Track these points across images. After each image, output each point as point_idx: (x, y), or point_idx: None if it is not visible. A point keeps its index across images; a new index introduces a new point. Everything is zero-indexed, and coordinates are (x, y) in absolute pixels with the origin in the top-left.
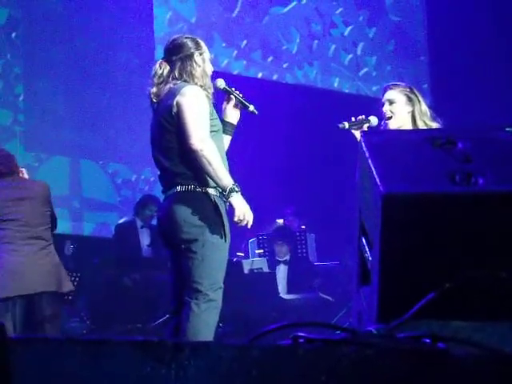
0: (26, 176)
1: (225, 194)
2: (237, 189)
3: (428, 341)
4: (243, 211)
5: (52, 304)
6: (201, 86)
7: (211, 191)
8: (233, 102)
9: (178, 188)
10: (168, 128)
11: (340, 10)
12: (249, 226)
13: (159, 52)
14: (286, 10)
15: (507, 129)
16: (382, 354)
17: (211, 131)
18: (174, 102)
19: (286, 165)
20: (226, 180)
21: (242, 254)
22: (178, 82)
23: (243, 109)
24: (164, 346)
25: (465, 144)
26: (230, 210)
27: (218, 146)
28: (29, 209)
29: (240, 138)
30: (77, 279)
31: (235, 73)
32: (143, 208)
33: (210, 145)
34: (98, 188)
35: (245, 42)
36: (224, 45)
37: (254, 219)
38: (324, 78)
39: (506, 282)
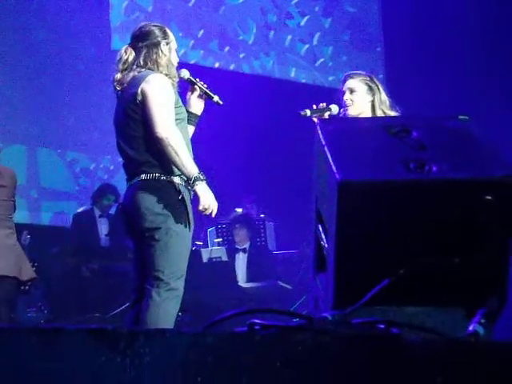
0: None
1: (190, 182)
2: (202, 177)
3: (382, 326)
4: (208, 200)
5: (9, 290)
6: (166, 75)
7: (176, 180)
8: (197, 92)
9: (143, 176)
10: (132, 116)
11: (296, 0)
12: (213, 215)
13: (115, 41)
14: (241, 0)
15: (460, 117)
16: (337, 340)
17: (176, 119)
18: (139, 90)
19: (244, 154)
20: (192, 168)
21: (201, 243)
22: (143, 69)
23: (207, 99)
24: (119, 334)
25: (419, 132)
26: (195, 199)
27: (183, 134)
28: (2, 197)
29: (198, 127)
30: (34, 269)
31: (192, 62)
32: (101, 197)
33: (175, 133)
34: (56, 177)
35: (201, 31)
36: (181, 34)
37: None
38: (281, 68)
39: (459, 268)
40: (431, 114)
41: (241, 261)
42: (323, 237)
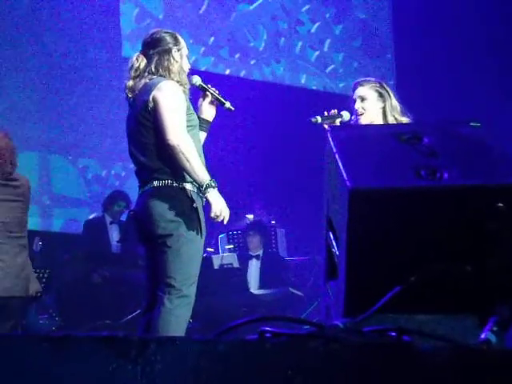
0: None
1: (201, 189)
2: (213, 184)
3: (394, 334)
4: (220, 207)
5: (16, 308)
6: (177, 82)
7: (188, 186)
8: (209, 98)
9: (155, 183)
10: (144, 123)
11: (306, 7)
12: (225, 222)
13: (126, 48)
14: (252, 7)
15: (471, 124)
16: (348, 348)
17: (188, 126)
18: (151, 97)
19: (254, 160)
20: (203, 175)
21: (212, 250)
22: (154, 76)
23: (219, 105)
24: (129, 342)
25: (430, 139)
26: (207, 206)
27: (194, 141)
28: (18, 210)
29: (210, 133)
30: (45, 276)
31: (203, 69)
32: (112, 204)
33: (187, 140)
34: (67, 183)
35: (212, 38)
36: (191, 41)
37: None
38: (291, 74)
39: (471, 276)
40: (442, 120)
41: (254, 267)
42: (334, 244)
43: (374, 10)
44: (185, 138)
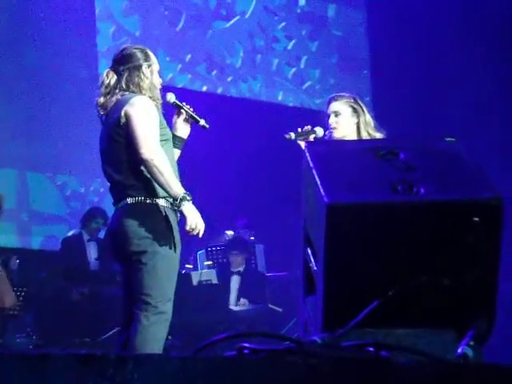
0: None
1: (176, 202)
2: (188, 198)
3: (371, 349)
4: (195, 220)
5: None
6: (149, 97)
7: (161, 202)
8: (183, 116)
9: (129, 200)
10: (117, 139)
11: (282, 24)
12: (200, 235)
13: (103, 65)
14: (229, 24)
15: (447, 139)
16: (326, 364)
17: (161, 140)
18: (122, 113)
19: (232, 177)
20: (177, 189)
21: (191, 266)
22: (126, 93)
23: (194, 123)
24: (107, 360)
25: (406, 154)
26: (182, 221)
27: (168, 155)
28: None
29: (187, 150)
30: (23, 294)
31: (180, 86)
32: (90, 221)
33: (160, 154)
34: (46, 200)
35: (189, 56)
36: (168, 59)
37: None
38: (268, 91)
39: (449, 289)
40: (418, 136)
41: (235, 283)
42: (312, 259)
43: (349, 26)
44: (158, 152)
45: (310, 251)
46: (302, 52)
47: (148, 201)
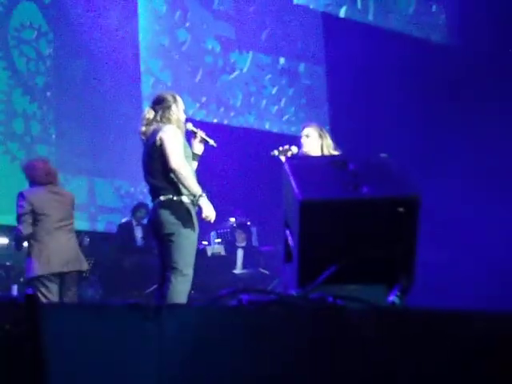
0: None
1: (195, 199)
2: (204, 195)
3: (331, 299)
4: (209, 211)
5: (74, 279)
6: (177, 127)
7: (184, 199)
8: (198, 138)
9: (161, 198)
10: (154, 157)
11: (268, 76)
12: (211, 221)
13: (145, 105)
14: (231, 76)
15: (381, 155)
16: (300, 310)
17: (185, 156)
18: (158, 137)
19: (234, 180)
20: (196, 189)
21: (206, 243)
22: (160, 124)
23: (206, 143)
24: (149, 308)
25: (354, 165)
26: (199, 212)
27: (192, 167)
28: (64, 209)
29: (204, 162)
30: (91, 262)
31: (198, 119)
32: (136, 212)
33: (184, 165)
34: (107, 198)
35: (204, 98)
36: (190, 100)
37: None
38: (259, 122)
39: (383, 257)
40: (363, 153)
41: (240, 254)
42: (290, 238)
43: (314, 77)
44: (182, 164)
45: (288, 232)
46: (282, 95)
47: (175, 198)
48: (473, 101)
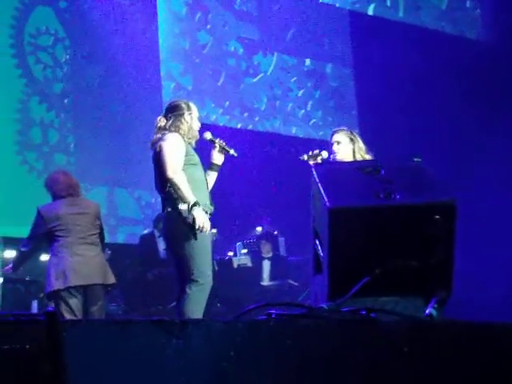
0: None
1: (188, 208)
2: (198, 204)
3: (364, 312)
4: (202, 221)
5: (99, 293)
6: (182, 135)
7: (183, 208)
8: (217, 148)
9: (168, 209)
10: (157, 166)
11: (294, 78)
12: (206, 232)
13: None
14: (255, 79)
15: (415, 159)
16: (331, 323)
17: (189, 164)
18: (157, 146)
19: (261, 189)
20: (190, 198)
21: (232, 254)
22: (166, 132)
23: (226, 153)
24: (174, 323)
25: (386, 171)
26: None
27: (198, 175)
28: (85, 221)
29: (227, 172)
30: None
31: (221, 125)
32: (158, 222)
33: (178, 173)
34: (127, 208)
35: (227, 102)
36: (213, 105)
37: (239, 227)
38: (285, 127)
39: (418, 268)
40: (394, 157)
41: (266, 266)
42: (319, 248)
43: (342, 79)
44: (178, 173)
45: (317, 242)
46: (309, 98)
47: (179, 208)
48: (509, 99)
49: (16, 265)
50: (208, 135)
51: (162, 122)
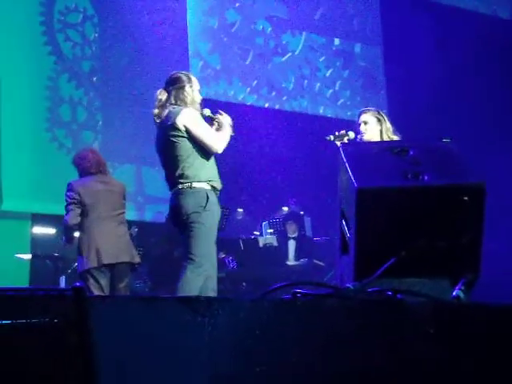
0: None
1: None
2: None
3: (390, 293)
4: (226, 119)
5: (126, 271)
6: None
7: (204, 186)
8: (215, 126)
9: (180, 186)
10: (173, 140)
11: (322, 58)
12: (229, 122)
13: None
14: (284, 59)
15: (444, 140)
16: (357, 304)
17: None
18: (178, 122)
19: (287, 168)
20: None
21: (258, 233)
22: (175, 106)
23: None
24: (199, 301)
25: (414, 151)
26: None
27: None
28: (113, 199)
29: (253, 151)
30: (140, 252)
31: (248, 104)
32: None
33: (221, 143)
34: (155, 187)
35: (255, 81)
36: (240, 84)
37: (266, 207)
38: (313, 106)
39: (446, 250)
40: (423, 137)
41: (292, 245)
42: (346, 228)
43: (370, 58)
44: (221, 143)
45: (344, 222)
46: (337, 78)
47: (193, 185)
48: None
49: (68, 236)
50: (207, 111)
51: (162, 95)
